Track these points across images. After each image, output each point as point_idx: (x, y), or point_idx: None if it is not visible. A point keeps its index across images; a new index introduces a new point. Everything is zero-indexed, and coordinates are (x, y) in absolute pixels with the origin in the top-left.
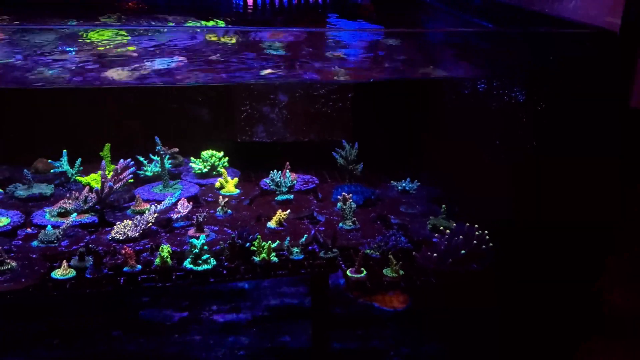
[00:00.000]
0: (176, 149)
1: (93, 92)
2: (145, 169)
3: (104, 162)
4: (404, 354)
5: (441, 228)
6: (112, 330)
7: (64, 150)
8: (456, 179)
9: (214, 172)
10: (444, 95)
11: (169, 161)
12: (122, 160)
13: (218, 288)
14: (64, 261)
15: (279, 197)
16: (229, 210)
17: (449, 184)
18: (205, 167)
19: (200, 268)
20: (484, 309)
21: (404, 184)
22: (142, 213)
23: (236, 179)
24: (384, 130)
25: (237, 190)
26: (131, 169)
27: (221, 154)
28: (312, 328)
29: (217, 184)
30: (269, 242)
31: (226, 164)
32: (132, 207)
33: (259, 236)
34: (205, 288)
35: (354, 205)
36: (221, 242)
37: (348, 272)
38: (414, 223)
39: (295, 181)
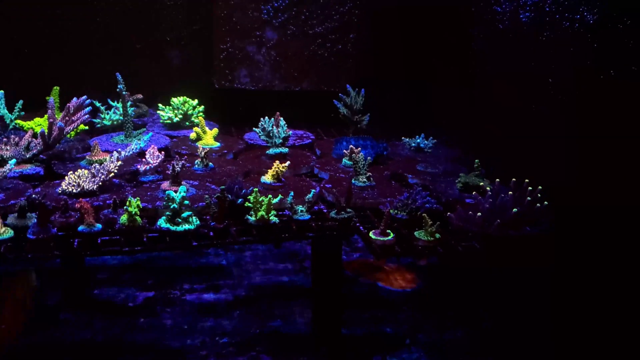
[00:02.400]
0: (140, 96)
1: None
2: (102, 116)
3: (52, 99)
4: (422, 342)
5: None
6: (60, 312)
7: (0, 92)
8: (487, 133)
9: (187, 123)
10: (472, 28)
11: (131, 109)
12: (75, 99)
13: (190, 263)
14: None
15: (271, 151)
16: (210, 164)
17: (477, 139)
18: (176, 115)
19: (179, 228)
20: (536, 284)
21: (418, 141)
22: (100, 164)
23: (216, 130)
24: (393, 78)
25: (217, 144)
26: (87, 109)
27: (195, 101)
28: (316, 309)
29: (193, 135)
30: (270, 196)
31: (201, 114)
32: (87, 157)
33: (256, 190)
34: (177, 262)
35: (369, 159)
36: (206, 196)
37: (372, 235)
38: (436, 183)
39: (290, 132)
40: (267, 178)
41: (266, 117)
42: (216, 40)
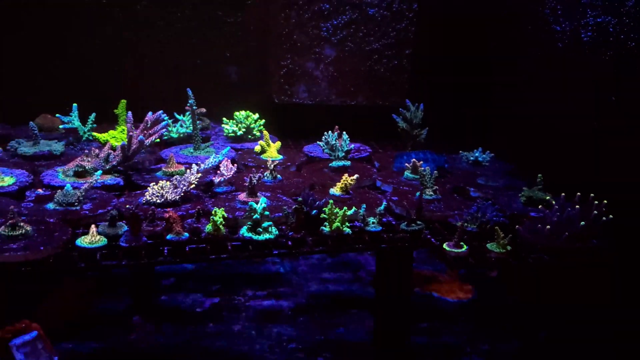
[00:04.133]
0: (203, 110)
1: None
2: (170, 129)
3: (130, 113)
4: (482, 351)
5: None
6: (131, 316)
7: (74, 104)
8: (545, 148)
9: (249, 136)
10: (530, 45)
11: (198, 123)
12: (150, 113)
13: (249, 270)
14: (92, 226)
15: (334, 164)
16: (279, 176)
17: (535, 154)
18: (240, 129)
19: (261, 237)
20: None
21: (476, 154)
22: (178, 176)
23: (279, 143)
24: (446, 92)
25: (280, 156)
26: (163, 123)
27: (256, 115)
28: (381, 319)
29: (257, 148)
30: (345, 208)
31: (261, 127)
32: (163, 169)
33: (331, 202)
34: (237, 269)
35: (435, 173)
36: (284, 207)
37: (445, 246)
38: (498, 196)
39: (352, 146)
40: (335, 190)
41: (330, 131)
42: (276, 57)
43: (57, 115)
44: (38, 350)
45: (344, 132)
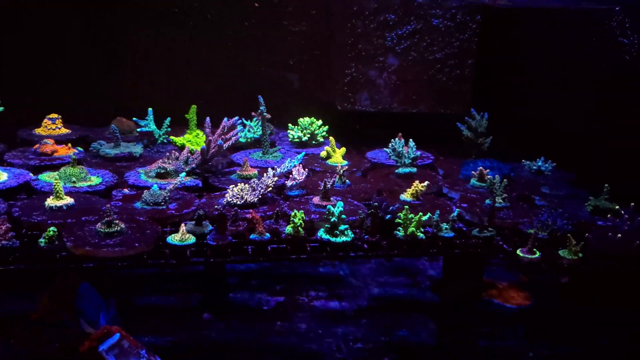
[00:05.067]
0: (268, 116)
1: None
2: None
3: (208, 119)
4: (544, 356)
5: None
6: (203, 313)
7: (150, 109)
8: (606, 159)
9: (313, 142)
10: (596, 59)
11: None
12: (226, 119)
13: (310, 271)
14: (182, 225)
15: (401, 170)
16: (347, 181)
17: (595, 164)
18: (304, 134)
19: (338, 240)
20: None
21: (539, 164)
22: (248, 178)
23: (344, 149)
24: (508, 102)
25: (345, 162)
26: (239, 128)
27: (320, 122)
28: (444, 322)
29: (323, 154)
30: (420, 214)
31: (325, 133)
32: (237, 172)
33: (406, 207)
34: (297, 270)
35: (505, 181)
36: (360, 211)
37: (519, 252)
38: (564, 205)
39: (419, 153)
40: (406, 196)
41: (396, 138)
42: (340, 65)
43: (133, 119)
44: (125, 349)
45: (410, 140)
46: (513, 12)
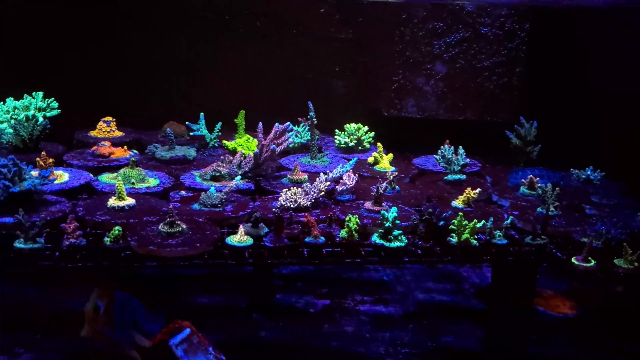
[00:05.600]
0: (315, 121)
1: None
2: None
3: (260, 124)
4: None
5: None
6: (251, 313)
7: (201, 114)
8: None
9: (359, 147)
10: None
11: (309, 133)
12: (277, 124)
13: (354, 276)
14: (241, 227)
15: (450, 177)
16: (397, 187)
17: None
18: (351, 140)
19: (392, 245)
20: None
21: (588, 173)
22: (299, 182)
23: (391, 155)
24: (556, 110)
25: (393, 168)
26: (291, 133)
27: (366, 128)
28: (493, 329)
29: (371, 159)
30: (475, 221)
31: (371, 139)
32: (288, 176)
33: (461, 214)
34: (341, 274)
35: (557, 189)
36: (413, 217)
37: (574, 261)
38: (616, 214)
39: (468, 160)
40: (458, 203)
41: (446, 145)
42: (387, 72)
43: (186, 123)
44: (194, 344)
45: (460, 147)
46: (562, 16)
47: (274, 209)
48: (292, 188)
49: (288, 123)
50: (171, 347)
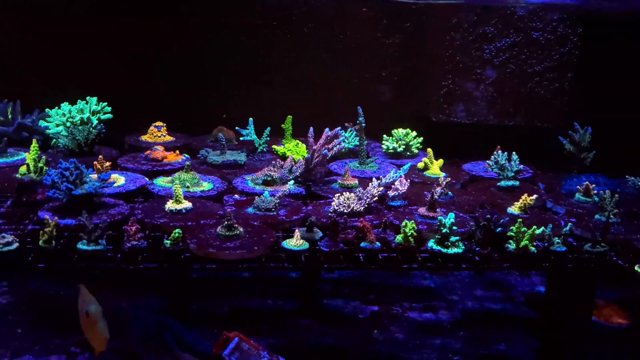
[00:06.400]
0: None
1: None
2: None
3: (311, 129)
4: None
5: None
6: (299, 318)
7: (250, 119)
8: None
9: (407, 153)
10: None
11: (356, 138)
12: (327, 130)
13: (401, 282)
14: (297, 231)
15: (503, 183)
16: (449, 193)
17: None
18: (399, 146)
19: (450, 251)
20: None
21: None
22: (349, 188)
23: (441, 160)
24: (609, 116)
25: (443, 174)
26: (341, 138)
27: (414, 133)
28: (547, 339)
29: (421, 165)
30: (534, 227)
31: (419, 144)
32: (339, 181)
33: (519, 220)
34: (388, 280)
35: (616, 196)
36: (470, 223)
37: (637, 269)
38: None
39: (522, 167)
40: (513, 209)
41: (499, 151)
42: (436, 77)
43: (236, 128)
44: (245, 351)
45: (514, 153)
46: (615, 20)
47: (329, 214)
48: (344, 193)
49: (339, 128)
50: (224, 358)
